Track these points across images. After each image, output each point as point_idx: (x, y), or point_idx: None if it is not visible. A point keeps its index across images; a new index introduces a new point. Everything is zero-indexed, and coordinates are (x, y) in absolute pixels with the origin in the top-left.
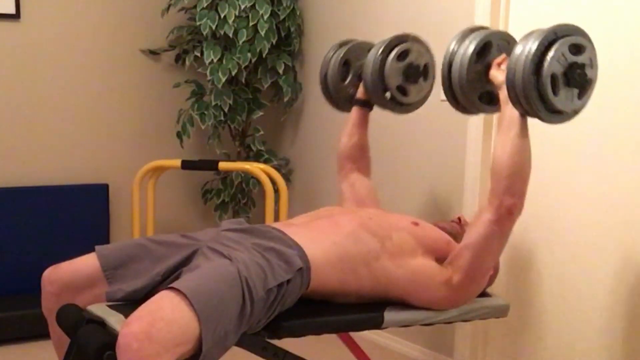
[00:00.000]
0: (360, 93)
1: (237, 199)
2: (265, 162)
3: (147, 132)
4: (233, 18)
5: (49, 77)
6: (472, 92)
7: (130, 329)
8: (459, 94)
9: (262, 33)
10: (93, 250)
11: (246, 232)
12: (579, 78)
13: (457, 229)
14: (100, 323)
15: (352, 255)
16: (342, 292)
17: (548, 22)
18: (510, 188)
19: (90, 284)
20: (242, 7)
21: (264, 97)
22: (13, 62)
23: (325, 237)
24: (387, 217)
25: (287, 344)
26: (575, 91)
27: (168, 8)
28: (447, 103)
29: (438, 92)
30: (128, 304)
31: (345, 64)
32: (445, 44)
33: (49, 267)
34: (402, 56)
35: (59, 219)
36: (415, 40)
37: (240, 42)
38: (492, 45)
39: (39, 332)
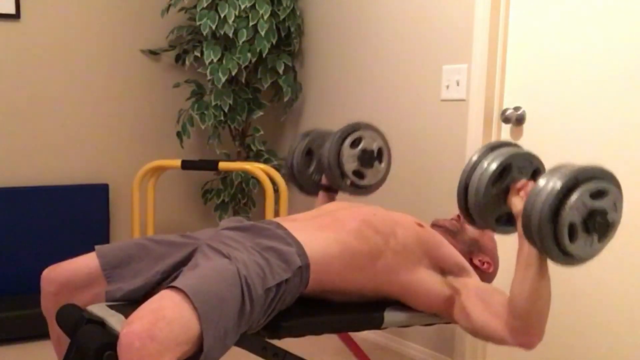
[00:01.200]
0: (324, 179)
1: (237, 199)
2: (265, 162)
3: (147, 132)
4: (233, 18)
5: (49, 77)
6: (489, 215)
7: (132, 328)
8: (475, 216)
9: (262, 33)
10: (93, 250)
11: (245, 231)
12: (599, 225)
13: (457, 227)
14: (100, 323)
15: (355, 252)
16: (344, 290)
17: (548, 22)
18: (529, 328)
19: (89, 283)
20: (242, 7)
21: (264, 97)
22: (13, 62)
23: (327, 234)
24: (390, 214)
25: (287, 344)
26: (595, 236)
27: (168, 8)
28: (447, 103)
29: (438, 91)
30: (128, 304)
31: (309, 153)
32: (445, 45)
33: (49, 267)
34: (355, 143)
35: (59, 219)
36: (367, 127)
37: (240, 42)
38: (512, 167)
39: (39, 332)
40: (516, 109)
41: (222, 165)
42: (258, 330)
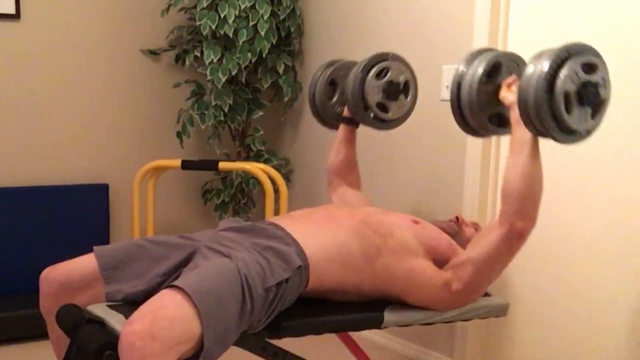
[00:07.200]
0: (346, 111)
1: (237, 199)
2: (265, 162)
3: (147, 132)
4: (233, 18)
5: (49, 77)
6: (481, 113)
7: (133, 327)
8: (468, 116)
9: (262, 33)
10: (92, 250)
11: (244, 231)
12: (592, 97)
13: (455, 229)
14: (100, 323)
15: (353, 251)
16: (342, 289)
17: (548, 22)
18: (522, 211)
19: (88, 284)
20: (242, 7)
21: (264, 97)
22: (13, 62)
23: (324, 233)
24: (387, 214)
25: (287, 344)
26: (589, 110)
27: (168, 8)
28: (447, 103)
29: (438, 91)
30: (128, 304)
31: (332, 83)
32: (445, 45)
33: (48, 267)
34: (381, 74)
35: (59, 219)
36: (395, 58)
37: (240, 42)
38: (501, 66)
39: (39, 332)
40: None
41: (222, 165)
42: (258, 330)
